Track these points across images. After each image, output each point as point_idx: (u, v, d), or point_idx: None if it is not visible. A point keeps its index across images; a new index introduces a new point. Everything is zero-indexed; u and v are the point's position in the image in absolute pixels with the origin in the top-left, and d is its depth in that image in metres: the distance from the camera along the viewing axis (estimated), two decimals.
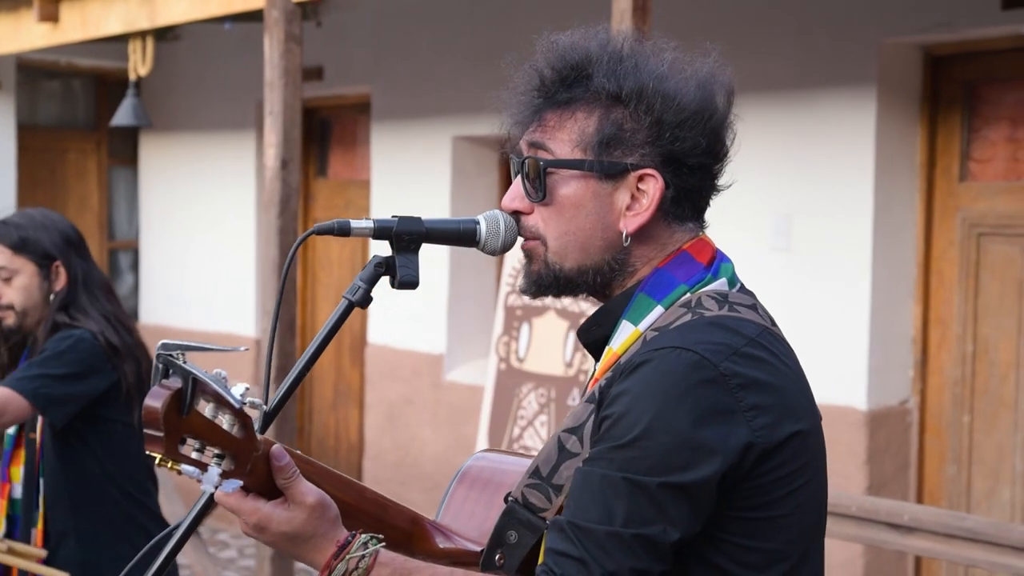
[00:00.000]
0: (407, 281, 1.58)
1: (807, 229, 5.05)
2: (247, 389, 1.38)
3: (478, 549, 1.58)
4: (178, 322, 8.13)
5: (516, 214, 1.61)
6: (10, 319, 3.10)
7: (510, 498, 1.52)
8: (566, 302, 5.69)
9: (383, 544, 1.43)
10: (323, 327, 1.56)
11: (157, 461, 1.32)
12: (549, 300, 5.77)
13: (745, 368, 1.42)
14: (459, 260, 6.53)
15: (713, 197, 1.62)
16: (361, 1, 6.81)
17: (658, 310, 1.51)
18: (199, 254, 8.25)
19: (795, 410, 1.46)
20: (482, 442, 5.92)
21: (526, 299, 5.94)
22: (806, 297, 4.99)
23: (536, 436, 5.71)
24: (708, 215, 1.63)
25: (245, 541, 7.32)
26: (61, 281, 3.10)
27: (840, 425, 4.85)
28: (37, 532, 3.07)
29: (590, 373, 1.64)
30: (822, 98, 5.01)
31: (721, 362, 1.41)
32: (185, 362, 1.32)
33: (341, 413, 7.57)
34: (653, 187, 1.53)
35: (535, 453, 1.55)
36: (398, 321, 6.75)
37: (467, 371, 6.59)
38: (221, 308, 8.04)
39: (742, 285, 1.58)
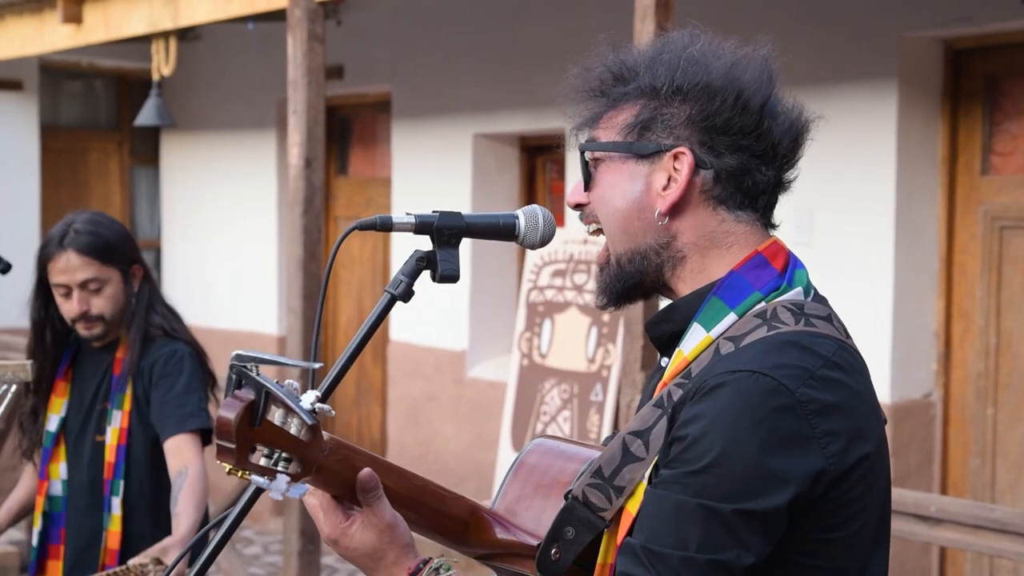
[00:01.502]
0: (448, 275, 1.61)
1: (829, 224, 5.06)
2: (317, 396, 1.40)
3: (535, 542, 1.59)
4: (200, 320, 8.16)
5: (579, 207, 1.64)
6: (97, 329, 3.03)
7: (570, 495, 1.53)
8: (587, 298, 5.71)
9: (452, 573, 1.47)
10: (365, 321, 1.58)
11: (227, 471, 1.35)
12: (571, 296, 5.79)
13: (821, 393, 1.42)
14: (481, 257, 6.56)
15: (781, 192, 1.62)
16: (381, 0, 6.84)
17: (731, 317, 1.51)
18: (220, 253, 8.29)
19: (865, 432, 1.46)
20: (505, 438, 5.95)
21: (548, 295, 5.96)
22: (828, 292, 4.93)
23: (559, 432, 5.73)
24: None
25: (270, 538, 7.36)
26: (137, 283, 3.07)
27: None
28: (111, 534, 3.05)
29: (653, 370, 1.65)
30: (843, 93, 5.02)
31: (798, 388, 1.40)
32: (258, 374, 1.34)
33: (364, 410, 7.60)
34: (684, 165, 1.54)
35: (589, 441, 1.56)
36: (420, 318, 6.78)
37: (489, 367, 6.62)
38: (243, 306, 8.08)
39: (816, 292, 1.59)
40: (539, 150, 6.69)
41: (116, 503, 3.05)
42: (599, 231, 1.62)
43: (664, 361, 1.59)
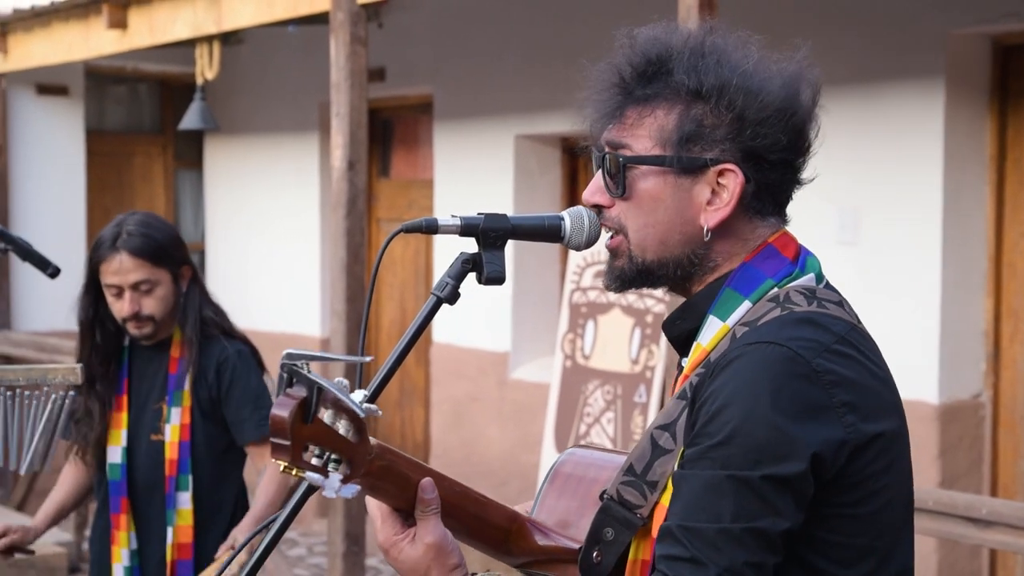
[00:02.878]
0: (494, 276, 1.60)
1: (874, 223, 5.01)
2: (365, 396, 1.41)
3: (576, 546, 1.59)
4: (243, 323, 8.17)
5: (597, 208, 1.62)
6: (148, 329, 3.07)
7: (605, 495, 1.53)
8: (631, 299, 5.69)
9: None
10: (411, 324, 1.58)
11: (282, 468, 1.35)
12: (614, 297, 5.77)
13: (836, 365, 1.43)
14: (523, 258, 6.55)
15: (796, 191, 1.62)
16: (422, 1, 6.85)
17: (745, 305, 1.52)
18: (263, 255, 8.33)
19: (882, 409, 1.46)
20: (548, 440, 5.93)
21: (591, 296, 5.95)
22: (874, 291, 4.94)
23: (603, 433, 5.71)
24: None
25: (314, 539, 7.39)
26: (186, 281, 3.12)
27: (912, 419, 4.76)
28: (181, 529, 3.10)
29: (676, 372, 1.64)
30: (889, 90, 4.97)
31: (813, 358, 1.42)
32: (309, 372, 1.35)
33: (407, 412, 7.61)
34: (733, 182, 1.53)
35: (621, 448, 1.56)
36: (463, 320, 6.78)
37: (532, 369, 6.61)
38: (285, 309, 8.12)
39: (827, 282, 1.58)
40: (580, 151, 6.66)
41: (185, 498, 3.10)
42: (617, 236, 1.60)
43: (684, 362, 1.59)
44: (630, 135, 1.57)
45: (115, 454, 3.11)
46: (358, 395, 1.40)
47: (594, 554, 1.51)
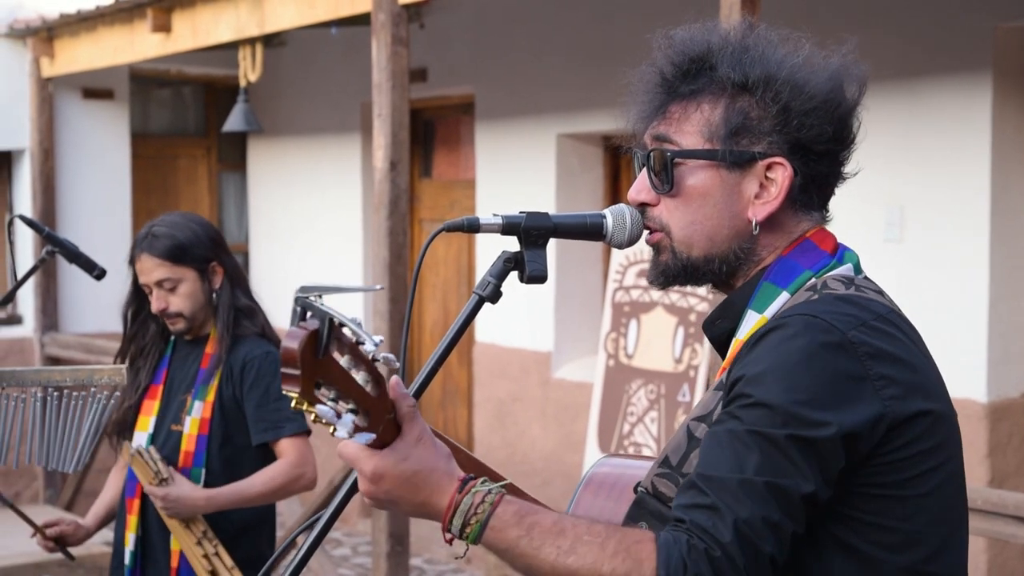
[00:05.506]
0: (536, 275, 1.59)
1: (921, 219, 4.96)
2: (381, 341, 1.37)
3: None
4: (287, 323, 8.25)
5: (642, 206, 1.61)
6: (180, 324, 3.14)
7: (640, 488, 1.52)
8: (674, 297, 5.66)
9: (508, 482, 1.45)
10: (454, 323, 1.58)
11: (293, 403, 1.30)
12: (657, 296, 5.75)
13: (873, 339, 1.42)
14: (565, 258, 6.54)
15: (839, 185, 1.61)
16: (463, 2, 6.86)
17: (783, 296, 1.52)
18: (306, 256, 8.37)
19: (925, 388, 1.44)
20: (592, 439, 5.92)
21: (634, 295, 5.93)
22: (921, 288, 4.90)
23: (646, 432, 5.69)
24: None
25: (359, 539, 7.41)
26: (219, 279, 3.17)
27: (960, 418, 4.71)
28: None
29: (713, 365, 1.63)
30: (935, 85, 4.91)
31: (849, 330, 1.41)
32: (323, 304, 1.31)
33: (450, 412, 7.62)
34: (782, 175, 1.53)
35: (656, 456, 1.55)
36: (506, 320, 6.78)
37: (575, 368, 6.60)
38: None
39: (866, 276, 1.58)
40: (623, 150, 6.64)
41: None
42: (659, 232, 1.59)
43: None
44: (676, 130, 1.57)
45: (140, 439, 3.15)
46: (375, 337, 1.35)
47: None
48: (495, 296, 1.59)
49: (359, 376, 1.33)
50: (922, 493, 1.42)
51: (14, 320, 7.91)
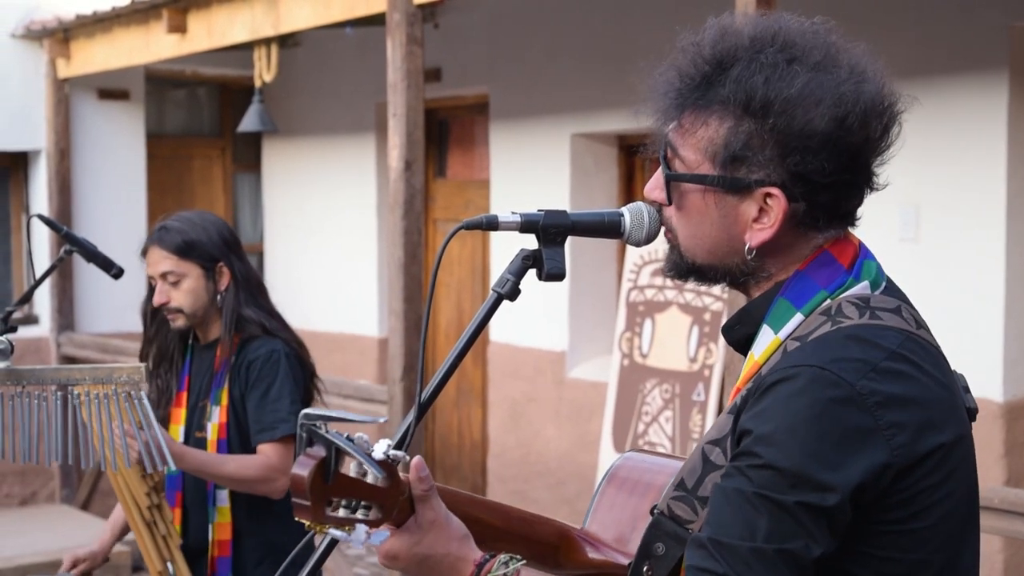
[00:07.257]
0: (554, 273, 1.60)
1: (936, 220, 4.95)
2: (389, 445, 1.41)
3: (626, 561, 1.58)
4: (301, 323, 8.25)
5: (658, 204, 1.61)
6: (180, 321, 3.16)
7: (656, 510, 1.52)
8: (689, 296, 5.66)
9: (523, 563, 1.46)
10: (472, 321, 1.58)
11: (306, 527, 1.37)
12: (672, 295, 5.75)
13: (884, 385, 1.40)
14: (580, 257, 6.54)
15: (865, 198, 1.58)
16: (477, 2, 6.86)
17: (798, 317, 1.50)
18: (321, 256, 8.39)
19: (937, 423, 1.43)
20: (606, 439, 5.92)
21: (648, 294, 5.92)
22: (936, 288, 4.88)
23: (661, 432, 5.69)
24: None
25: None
26: (225, 281, 3.18)
27: (976, 418, 4.74)
28: (220, 527, 3.15)
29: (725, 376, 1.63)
30: (950, 84, 4.90)
31: (858, 381, 1.39)
32: (328, 431, 1.36)
33: (464, 411, 7.63)
34: (777, 206, 1.50)
35: (679, 454, 1.55)
36: (520, 319, 6.78)
37: (590, 368, 6.60)
38: (344, 309, 8.17)
39: (888, 283, 1.55)
40: (638, 149, 6.64)
41: (223, 495, 3.15)
42: (670, 234, 1.59)
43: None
44: (683, 143, 1.55)
45: None
46: (382, 445, 1.40)
47: (644, 568, 1.49)
48: (514, 294, 1.59)
49: (369, 475, 1.39)
50: (929, 525, 1.42)
51: (30, 320, 7.94)
